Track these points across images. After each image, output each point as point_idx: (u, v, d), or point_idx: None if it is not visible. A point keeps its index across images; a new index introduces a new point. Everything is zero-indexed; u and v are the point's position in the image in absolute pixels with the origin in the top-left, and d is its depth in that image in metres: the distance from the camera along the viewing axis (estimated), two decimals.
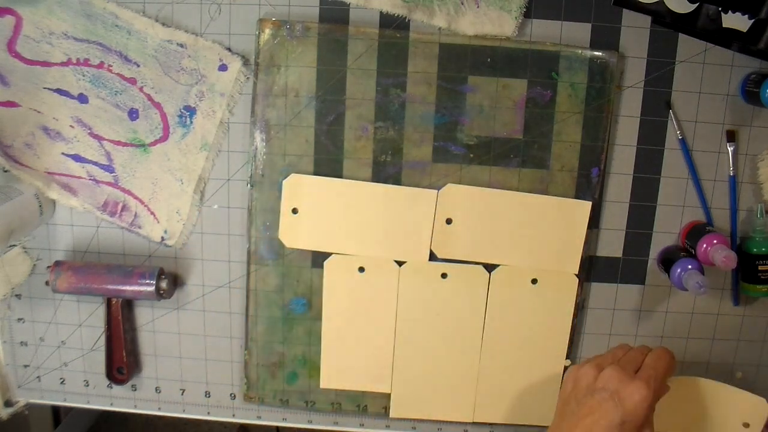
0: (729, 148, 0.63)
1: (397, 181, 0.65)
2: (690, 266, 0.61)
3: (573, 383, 0.55)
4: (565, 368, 0.68)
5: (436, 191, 0.64)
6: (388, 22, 0.62)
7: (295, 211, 0.65)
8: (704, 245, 0.61)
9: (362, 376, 0.69)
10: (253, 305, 0.68)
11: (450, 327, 0.67)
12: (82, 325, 0.71)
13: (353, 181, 0.65)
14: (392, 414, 0.69)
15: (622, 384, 0.51)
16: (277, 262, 0.67)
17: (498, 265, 0.66)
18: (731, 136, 0.63)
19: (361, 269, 0.66)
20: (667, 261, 0.64)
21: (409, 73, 0.63)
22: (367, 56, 0.62)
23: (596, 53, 0.61)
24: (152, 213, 0.67)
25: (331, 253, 0.66)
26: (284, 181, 0.65)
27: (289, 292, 0.67)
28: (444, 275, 0.66)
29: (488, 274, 0.66)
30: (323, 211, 0.65)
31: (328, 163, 0.65)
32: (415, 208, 0.65)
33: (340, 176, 0.65)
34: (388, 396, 0.69)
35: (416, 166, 0.64)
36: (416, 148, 0.64)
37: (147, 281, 0.66)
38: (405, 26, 0.62)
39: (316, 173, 0.65)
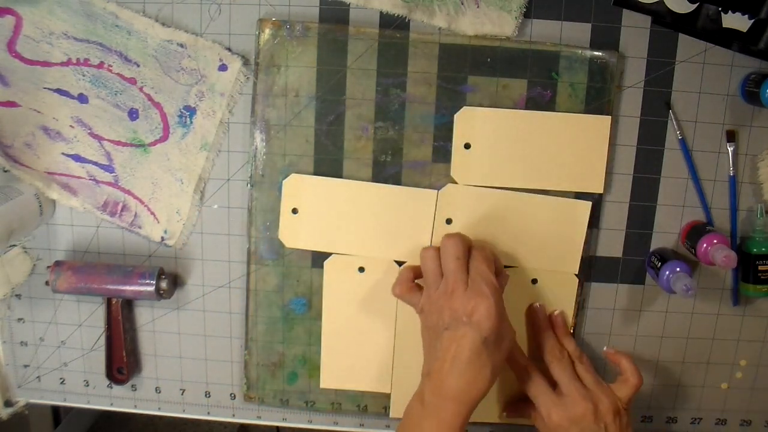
0: (729, 148, 0.63)
1: (397, 181, 0.65)
2: (678, 269, 0.61)
3: (426, 322, 0.59)
4: None
5: (436, 191, 0.64)
6: (388, 22, 0.62)
7: (295, 211, 0.65)
8: (704, 245, 0.61)
9: (362, 376, 0.69)
10: (253, 305, 0.68)
11: None
12: (82, 325, 0.71)
13: (353, 181, 0.64)
14: (392, 414, 0.69)
15: (464, 309, 0.54)
16: (277, 262, 0.67)
17: None
18: (731, 136, 0.63)
19: (361, 269, 0.66)
20: (657, 262, 0.64)
21: (409, 73, 0.63)
22: (367, 56, 0.62)
23: (596, 53, 0.61)
24: (152, 213, 0.67)
25: (331, 253, 0.66)
26: (284, 181, 0.65)
27: (289, 292, 0.67)
28: None
29: None
30: (323, 211, 0.65)
31: (328, 163, 0.65)
32: (415, 208, 0.65)
33: (340, 176, 0.65)
34: (388, 396, 0.69)
35: (416, 166, 0.64)
36: (416, 148, 0.64)
37: (147, 281, 0.66)
38: (405, 26, 0.62)
39: (316, 173, 0.65)
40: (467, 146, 0.63)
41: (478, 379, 0.54)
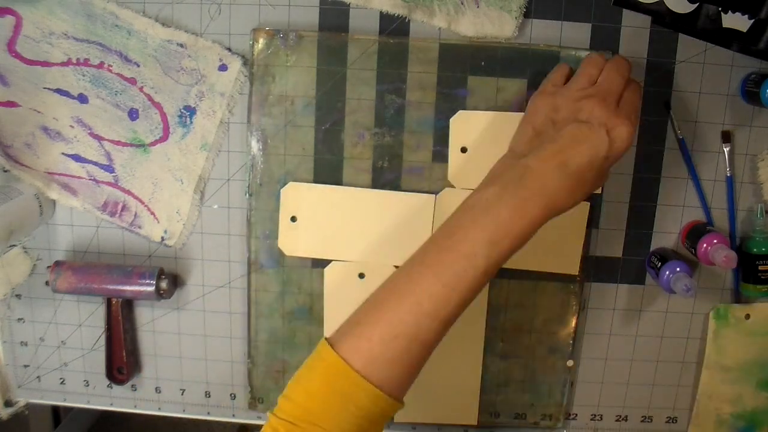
0: (725, 149, 0.63)
1: (396, 187, 0.64)
2: (678, 269, 0.61)
3: (551, 110, 0.53)
4: (569, 368, 0.68)
5: (434, 196, 0.64)
6: (385, 26, 0.62)
7: (293, 219, 0.65)
8: (704, 245, 0.61)
9: None
10: (254, 313, 0.67)
11: (452, 330, 0.66)
12: (82, 325, 0.71)
13: (351, 187, 0.64)
14: (396, 419, 0.69)
15: (610, 119, 0.50)
16: (277, 270, 0.66)
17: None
18: (726, 137, 0.63)
19: (361, 275, 0.66)
20: (657, 262, 0.64)
21: (407, 78, 0.62)
22: (364, 62, 0.62)
23: (599, 54, 0.61)
24: (152, 213, 0.67)
25: (331, 260, 0.66)
26: (282, 190, 0.64)
27: (290, 300, 0.67)
28: None
29: None
30: (322, 218, 0.65)
31: (327, 170, 0.64)
32: (413, 213, 0.64)
33: (339, 183, 0.64)
34: None
35: (415, 171, 0.64)
36: (415, 153, 0.64)
37: (147, 281, 0.66)
38: (403, 32, 0.62)
39: (315, 181, 0.65)
40: (464, 150, 0.63)
41: (576, 189, 0.50)
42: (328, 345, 0.48)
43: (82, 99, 0.65)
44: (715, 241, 0.60)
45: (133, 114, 0.65)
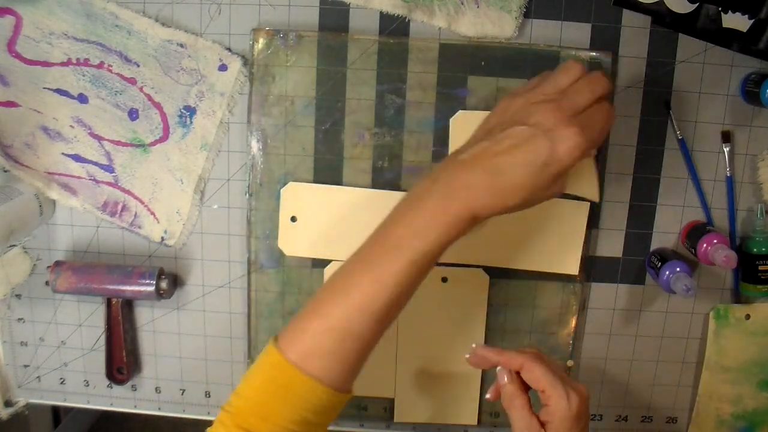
0: (725, 149, 0.63)
1: (396, 187, 0.64)
2: (678, 269, 0.61)
3: (508, 110, 0.50)
4: (569, 368, 0.68)
5: None
6: (385, 26, 0.62)
7: (293, 219, 0.65)
8: (704, 245, 0.61)
9: (364, 382, 0.68)
10: (254, 313, 0.67)
11: (452, 330, 0.66)
12: (82, 325, 0.71)
13: (351, 188, 0.64)
14: (396, 419, 0.69)
15: (559, 127, 0.46)
16: (277, 270, 0.66)
17: (498, 268, 0.66)
18: (726, 137, 0.63)
19: None
20: (657, 262, 0.64)
21: (407, 79, 0.62)
22: (364, 62, 0.62)
23: (596, 53, 0.61)
24: (152, 213, 0.67)
25: (331, 260, 0.66)
26: (282, 190, 0.64)
27: (290, 300, 0.67)
28: (444, 279, 0.66)
29: (488, 277, 0.66)
30: (322, 218, 0.65)
31: (327, 170, 0.64)
32: None
33: (339, 183, 0.64)
34: (388, 398, 0.69)
35: (415, 171, 0.64)
36: (415, 153, 0.64)
37: (147, 281, 0.66)
38: (403, 32, 0.62)
39: (315, 181, 0.65)
40: None
41: (505, 192, 0.47)
42: (273, 339, 0.49)
43: (82, 99, 0.65)
44: (715, 241, 0.60)
45: (133, 114, 0.65)
